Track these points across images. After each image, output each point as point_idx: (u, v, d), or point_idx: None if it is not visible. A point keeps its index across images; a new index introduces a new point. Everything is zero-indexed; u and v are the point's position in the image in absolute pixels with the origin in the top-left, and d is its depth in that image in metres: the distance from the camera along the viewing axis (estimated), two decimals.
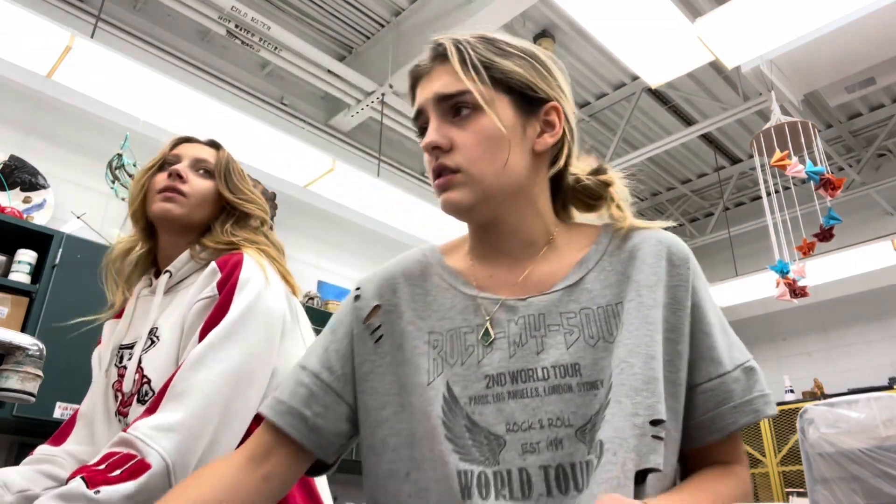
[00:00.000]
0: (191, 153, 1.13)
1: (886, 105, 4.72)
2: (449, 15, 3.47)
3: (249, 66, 3.90)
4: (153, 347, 1.00)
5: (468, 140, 0.71)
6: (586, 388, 0.66)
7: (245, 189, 1.14)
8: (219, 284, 0.98)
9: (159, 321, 1.03)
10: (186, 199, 1.08)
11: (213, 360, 0.89)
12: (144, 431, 0.82)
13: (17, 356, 0.99)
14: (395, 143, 4.58)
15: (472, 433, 0.66)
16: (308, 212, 3.89)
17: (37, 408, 2.13)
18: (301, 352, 1.03)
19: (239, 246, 1.06)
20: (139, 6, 3.42)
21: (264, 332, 0.96)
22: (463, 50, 0.72)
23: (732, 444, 0.72)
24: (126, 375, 1.00)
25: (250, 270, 0.99)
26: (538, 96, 0.74)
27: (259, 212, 1.14)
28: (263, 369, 0.95)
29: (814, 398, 4.66)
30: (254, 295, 0.96)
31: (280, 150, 3.09)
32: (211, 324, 0.93)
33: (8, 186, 2.68)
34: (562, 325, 0.69)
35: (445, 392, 0.69)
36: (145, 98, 2.73)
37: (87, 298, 2.40)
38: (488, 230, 0.76)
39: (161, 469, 0.79)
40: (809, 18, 2.73)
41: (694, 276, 0.71)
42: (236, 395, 0.89)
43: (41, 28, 2.39)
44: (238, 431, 0.90)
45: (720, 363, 0.70)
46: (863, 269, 4.36)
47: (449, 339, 0.72)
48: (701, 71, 4.20)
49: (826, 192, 2.80)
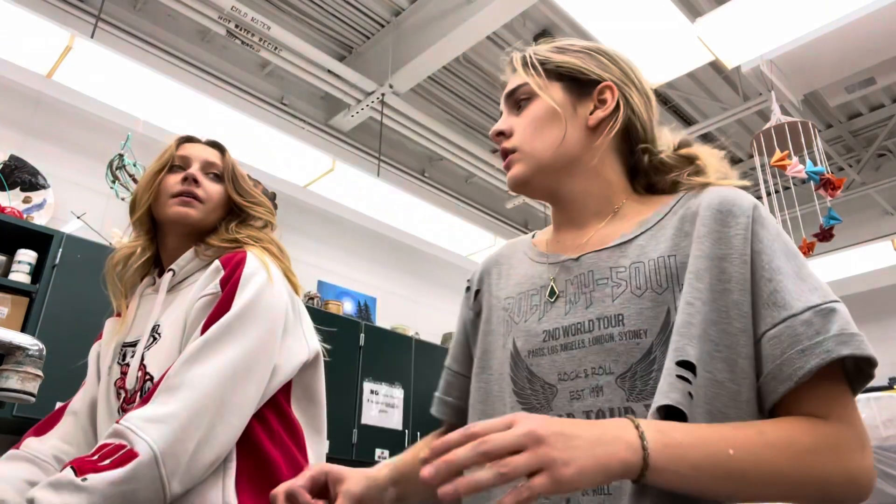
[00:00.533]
0: (199, 156, 1.14)
1: (886, 105, 4.72)
2: (449, 15, 3.47)
3: (249, 66, 3.90)
4: (155, 344, 1.00)
5: (522, 122, 0.81)
6: (629, 337, 0.68)
7: (252, 192, 1.15)
8: (222, 281, 0.98)
9: (161, 318, 1.03)
10: (203, 205, 1.09)
11: (211, 354, 0.90)
12: (135, 423, 0.82)
13: (17, 356, 0.99)
14: (395, 143, 4.58)
15: (531, 383, 0.74)
16: (308, 212, 3.89)
17: (37, 408, 2.12)
18: (302, 348, 1.04)
19: (242, 244, 1.07)
20: (139, 6, 3.42)
21: (265, 329, 0.96)
22: (525, 55, 0.86)
23: (819, 397, 0.63)
24: (129, 373, 1.01)
25: (253, 268, 0.99)
26: (590, 78, 0.81)
27: (266, 214, 1.16)
28: (263, 365, 0.95)
29: None
30: (256, 292, 0.97)
31: (280, 150, 3.09)
32: (213, 319, 0.94)
33: (8, 186, 2.68)
34: (610, 278, 0.73)
35: (511, 348, 0.77)
36: (145, 98, 2.73)
37: (87, 298, 2.41)
38: (557, 202, 0.84)
39: (149, 458, 0.80)
40: (809, 18, 2.73)
41: (756, 224, 0.69)
42: (233, 390, 0.90)
43: (41, 28, 2.39)
44: (235, 426, 0.90)
45: (786, 306, 0.64)
46: (863, 269, 4.37)
47: (517, 302, 0.80)
48: (701, 71, 4.20)
49: (826, 192, 2.79)
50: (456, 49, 3.58)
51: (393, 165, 4.51)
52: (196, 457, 0.84)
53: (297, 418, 1.03)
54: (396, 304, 4.22)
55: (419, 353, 3.63)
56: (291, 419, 1.02)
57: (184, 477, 0.83)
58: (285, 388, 1.02)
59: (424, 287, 4.48)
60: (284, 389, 1.02)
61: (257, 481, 0.91)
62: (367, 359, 3.34)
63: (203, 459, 0.85)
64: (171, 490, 0.81)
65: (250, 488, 0.90)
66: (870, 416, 2.30)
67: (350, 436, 3.10)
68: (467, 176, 5.05)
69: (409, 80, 3.80)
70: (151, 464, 0.80)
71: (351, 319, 3.46)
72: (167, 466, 0.81)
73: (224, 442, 0.88)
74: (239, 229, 1.10)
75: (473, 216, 4.96)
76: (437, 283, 4.58)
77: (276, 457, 0.94)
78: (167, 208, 1.09)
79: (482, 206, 5.12)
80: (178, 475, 0.82)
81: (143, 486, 0.79)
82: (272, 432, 0.96)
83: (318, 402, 1.07)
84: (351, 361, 3.26)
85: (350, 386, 3.21)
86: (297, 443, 1.00)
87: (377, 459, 3.18)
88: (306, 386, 1.06)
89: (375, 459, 3.17)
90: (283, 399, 1.01)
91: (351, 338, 3.32)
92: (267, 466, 0.92)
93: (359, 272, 4.08)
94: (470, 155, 4.42)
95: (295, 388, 1.04)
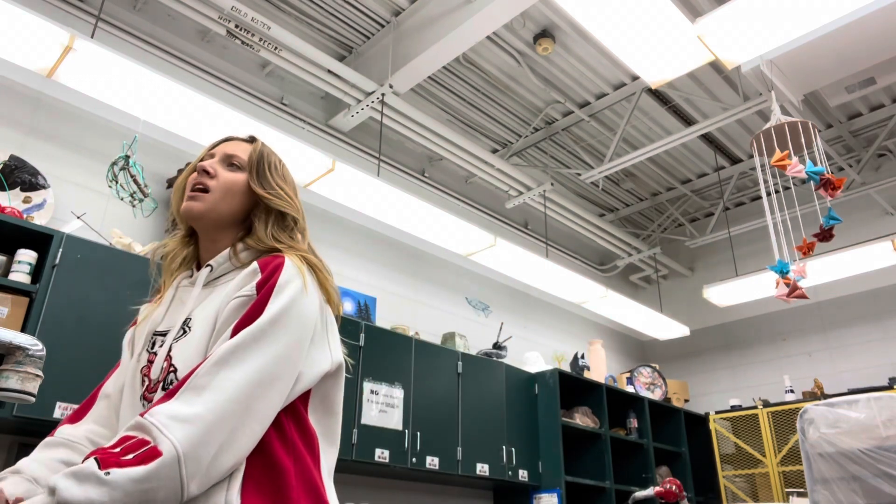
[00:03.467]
0: (224, 150, 1.15)
1: (886, 105, 4.72)
2: (449, 15, 3.47)
3: (249, 66, 3.90)
4: (184, 337, 1.01)
5: None
6: None
7: (275, 183, 1.14)
8: (258, 285, 0.98)
9: (194, 312, 1.03)
10: (209, 195, 1.09)
11: (241, 359, 0.90)
12: (161, 419, 0.83)
13: (17, 356, 0.99)
14: (395, 143, 4.58)
15: None
16: (308, 212, 3.87)
17: (37, 408, 2.13)
18: (325, 358, 1.03)
19: (281, 250, 1.07)
20: (139, 6, 3.42)
21: (295, 337, 0.96)
22: None
23: None
24: (155, 362, 1.01)
25: (290, 275, 0.99)
26: None
27: (290, 209, 1.14)
28: (289, 374, 0.95)
29: (814, 398, 4.66)
30: (290, 299, 0.97)
31: (280, 150, 3.07)
32: (245, 322, 0.94)
33: (8, 186, 2.68)
34: None
35: None
36: (145, 98, 2.73)
37: (87, 298, 2.42)
38: None
39: (172, 458, 0.80)
40: (809, 18, 2.73)
41: None
42: (259, 397, 0.90)
43: (41, 28, 2.39)
44: (257, 432, 0.90)
45: None
46: (863, 269, 4.36)
47: None
48: (701, 71, 4.20)
49: (826, 192, 2.79)
50: (456, 49, 3.58)
51: (393, 165, 4.51)
52: (216, 461, 0.84)
53: (313, 427, 1.03)
54: (396, 304, 4.22)
55: (419, 353, 3.63)
56: (308, 428, 1.01)
57: (202, 480, 0.83)
58: (304, 396, 1.02)
59: (424, 287, 4.49)
60: (303, 397, 1.01)
61: (264, 486, 0.90)
62: (367, 359, 3.34)
63: (223, 463, 0.86)
64: (189, 492, 0.82)
65: (256, 492, 0.89)
66: (870, 416, 2.30)
67: (350, 436, 3.10)
68: (467, 176, 5.05)
69: (409, 80, 3.80)
70: (174, 464, 0.80)
71: (351, 319, 3.46)
72: (188, 468, 0.81)
73: (245, 447, 0.88)
74: (277, 234, 1.10)
75: (473, 216, 4.96)
76: (437, 283, 4.58)
77: (286, 463, 0.93)
78: (181, 206, 1.10)
79: (482, 206, 5.12)
80: (198, 478, 0.82)
81: (163, 485, 0.79)
82: (286, 439, 0.96)
83: (335, 413, 1.07)
84: (351, 361, 3.26)
85: (350, 386, 3.21)
86: (312, 451, 1.00)
87: (377, 459, 3.18)
88: (324, 396, 1.05)
89: (375, 459, 3.17)
90: (301, 407, 1.01)
91: (351, 338, 3.32)
92: (275, 472, 0.92)
93: (359, 272, 4.08)
94: (470, 155, 4.42)
95: (313, 397, 1.04)
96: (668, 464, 4.93)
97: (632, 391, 4.95)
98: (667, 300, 6.17)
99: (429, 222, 3.75)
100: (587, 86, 4.48)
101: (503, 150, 5.06)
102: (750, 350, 5.74)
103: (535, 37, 4.00)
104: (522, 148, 5.01)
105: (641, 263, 6.13)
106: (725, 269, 5.60)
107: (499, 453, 3.80)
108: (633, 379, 5.09)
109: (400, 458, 3.29)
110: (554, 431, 4.08)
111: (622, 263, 6.01)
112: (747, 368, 5.70)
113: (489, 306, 4.94)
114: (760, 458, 4.62)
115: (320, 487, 0.97)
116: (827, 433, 2.36)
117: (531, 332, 5.23)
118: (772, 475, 4.52)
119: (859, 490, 2.22)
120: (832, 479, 2.29)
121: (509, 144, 5.02)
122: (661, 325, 5.39)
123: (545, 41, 3.97)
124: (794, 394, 4.82)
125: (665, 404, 5.12)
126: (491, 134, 4.94)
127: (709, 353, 5.99)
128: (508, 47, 4.11)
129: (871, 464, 2.23)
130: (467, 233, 3.87)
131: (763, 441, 4.63)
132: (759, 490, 4.65)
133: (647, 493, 3.68)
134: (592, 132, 4.95)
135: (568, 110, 4.67)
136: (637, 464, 4.64)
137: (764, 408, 4.72)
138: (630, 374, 5.15)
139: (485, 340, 4.59)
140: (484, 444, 3.75)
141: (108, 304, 2.46)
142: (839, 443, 2.32)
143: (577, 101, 4.62)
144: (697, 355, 6.05)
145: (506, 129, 4.90)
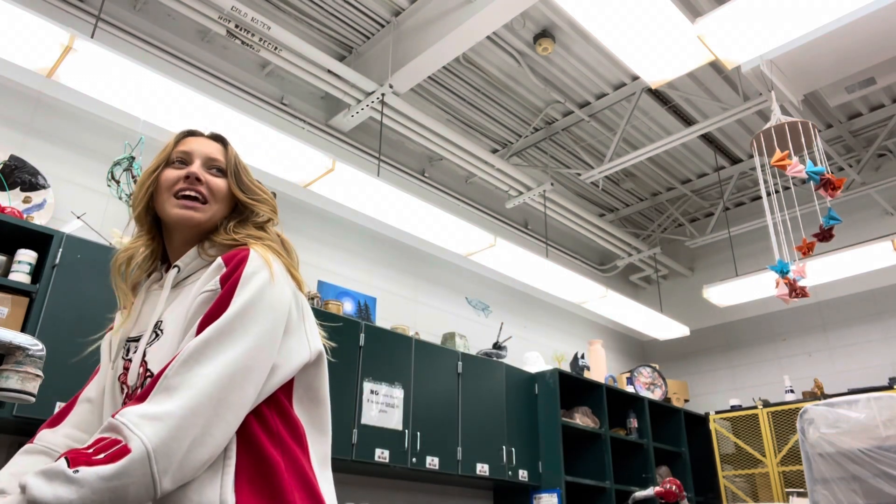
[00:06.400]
0: (201, 151, 1.13)
1: (886, 105, 4.72)
2: (449, 15, 3.47)
3: (249, 66, 3.90)
4: (157, 341, 1.00)
5: None
6: None
7: (255, 188, 1.14)
8: (222, 279, 0.98)
9: (164, 315, 1.03)
10: (208, 206, 1.09)
11: (210, 355, 0.90)
12: (130, 418, 0.83)
13: (17, 356, 0.99)
14: (395, 143, 4.58)
15: None
16: (308, 212, 3.90)
17: (37, 408, 2.12)
18: (303, 348, 1.03)
19: (246, 243, 1.06)
20: (139, 6, 3.42)
21: (266, 328, 0.96)
22: None
23: None
24: (131, 368, 1.01)
25: (255, 266, 0.99)
26: None
27: (269, 212, 1.14)
28: (263, 365, 0.95)
29: (814, 398, 4.66)
30: (256, 291, 0.96)
31: (280, 150, 3.09)
32: (210, 318, 0.93)
33: (8, 186, 2.68)
34: None
35: None
36: (145, 98, 2.73)
37: (87, 298, 2.42)
38: None
39: (141, 455, 0.80)
40: (809, 18, 2.73)
41: None
42: (232, 390, 0.90)
43: (41, 28, 2.39)
44: (231, 423, 0.90)
45: None
46: (863, 269, 4.36)
47: None
48: (701, 71, 4.20)
49: (826, 192, 2.79)
50: (456, 49, 3.58)
51: (393, 165, 4.51)
52: (189, 455, 0.84)
53: (299, 418, 1.02)
54: (396, 304, 4.22)
55: (419, 353, 3.63)
56: (293, 419, 1.01)
57: (176, 474, 0.83)
58: (287, 387, 1.01)
59: (424, 287, 4.48)
60: (286, 389, 1.01)
61: (256, 480, 0.91)
62: (367, 359, 3.34)
63: (197, 458, 0.86)
64: (162, 487, 0.82)
65: (249, 487, 0.90)
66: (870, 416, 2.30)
67: (350, 436, 3.10)
68: (467, 176, 5.05)
69: (409, 80, 3.80)
70: (144, 461, 0.80)
71: (351, 319, 3.46)
72: (159, 464, 0.81)
73: (219, 440, 0.88)
74: (238, 229, 1.09)
75: (473, 216, 4.96)
76: (437, 283, 4.58)
77: (275, 456, 0.94)
78: (170, 208, 1.08)
79: (482, 206, 5.12)
80: (170, 473, 0.83)
81: (133, 481, 0.80)
82: (272, 432, 0.96)
83: (322, 401, 1.07)
84: (351, 361, 3.26)
85: (350, 386, 3.21)
86: (300, 442, 1.00)
87: (377, 459, 3.18)
88: (308, 386, 1.05)
89: (375, 459, 3.17)
90: (284, 398, 1.01)
91: (351, 338, 3.32)
92: (265, 466, 0.93)
93: (359, 272, 4.08)
94: (470, 155, 4.42)
95: (297, 387, 1.04)
96: (668, 464, 4.93)
97: (632, 391, 4.95)
98: (667, 300, 6.17)
99: (429, 222, 3.75)
100: (587, 86, 4.48)
101: (503, 150, 5.06)
102: (750, 350, 5.74)
103: (535, 37, 4.00)
104: (522, 148, 5.01)
105: (641, 263, 6.13)
106: (725, 269, 5.60)
107: (499, 453, 3.80)
108: (633, 379, 5.09)
109: (400, 458, 3.29)
110: (554, 431, 4.08)
111: (622, 263, 6.01)
112: (747, 368, 5.70)
113: (489, 306, 4.94)
114: (760, 458, 4.61)
115: (311, 477, 0.98)
116: (827, 433, 2.36)
117: (531, 332, 5.23)
118: (772, 475, 4.52)
119: (859, 490, 2.22)
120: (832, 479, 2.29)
121: (509, 144, 5.02)
122: (661, 325, 5.39)
123: (545, 41, 3.97)
124: (794, 394, 4.81)
125: (665, 404, 5.12)
126: (491, 134, 4.94)
127: (709, 353, 5.99)
128: (508, 47, 4.11)
129: (871, 464, 2.23)
130: (467, 233, 3.87)
131: (763, 441, 4.63)
132: (759, 490, 4.65)
133: (647, 493, 3.68)
134: (592, 132, 4.95)
135: (568, 110, 4.67)
136: (637, 464, 4.64)
137: (764, 408, 4.72)
138: (630, 374, 5.15)
139: (485, 340, 4.59)
140: (484, 444, 3.75)
141: (108, 304, 2.46)
142: (839, 443, 2.32)
143: (577, 101, 4.62)
144: (697, 355, 6.05)
145: (506, 129, 4.90)
